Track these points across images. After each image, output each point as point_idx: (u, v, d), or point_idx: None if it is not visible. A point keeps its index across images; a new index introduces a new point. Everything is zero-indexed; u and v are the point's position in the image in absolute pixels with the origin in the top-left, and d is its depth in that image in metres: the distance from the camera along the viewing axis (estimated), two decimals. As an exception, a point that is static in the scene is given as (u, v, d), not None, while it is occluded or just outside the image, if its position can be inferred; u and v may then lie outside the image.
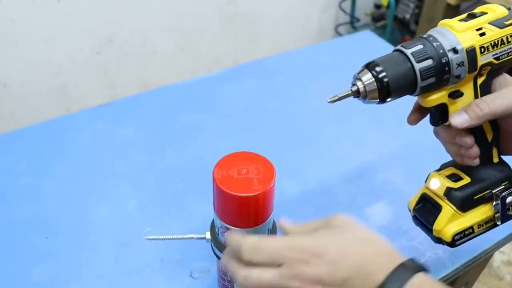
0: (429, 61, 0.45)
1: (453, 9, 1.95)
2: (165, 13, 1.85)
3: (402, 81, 0.46)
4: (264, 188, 0.48)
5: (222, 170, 0.49)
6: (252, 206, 0.48)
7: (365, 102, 0.48)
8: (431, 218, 0.54)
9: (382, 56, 0.48)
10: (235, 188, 0.47)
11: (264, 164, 0.51)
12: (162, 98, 0.98)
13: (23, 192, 0.77)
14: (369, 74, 0.46)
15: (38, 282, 0.64)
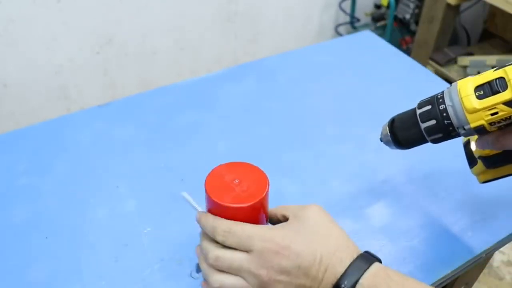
0: (439, 135, 0.50)
1: (453, 9, 1.95)
2: (165, 13, 1.85)
3: (410, 138, 0.54)
4: (256, 198, 0.46)
5: (214, 180, 0.47)
6: (245, 216, 0.46)
7: (390, 148, 0.59)
8: (470, 162, 0.62)
9: (404, 112, 0.56)
10: (227, 199, 0.46)
11: (257, 174, 0.50)
12: (162, 98, 0.98)
13: (23, 192, 0.77)
14: (387, 130, 0.57)
15: (38, 282, 0.64)
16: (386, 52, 1.13)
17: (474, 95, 0.46)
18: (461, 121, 0.47)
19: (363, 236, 0.70)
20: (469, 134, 0.49)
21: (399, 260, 0.66)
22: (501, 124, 0.47)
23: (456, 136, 0.51)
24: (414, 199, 0.70)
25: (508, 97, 0.44)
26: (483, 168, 0.60)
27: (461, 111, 0.47)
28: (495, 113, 0.45)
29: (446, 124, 0.48)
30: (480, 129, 0.46)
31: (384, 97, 0.96)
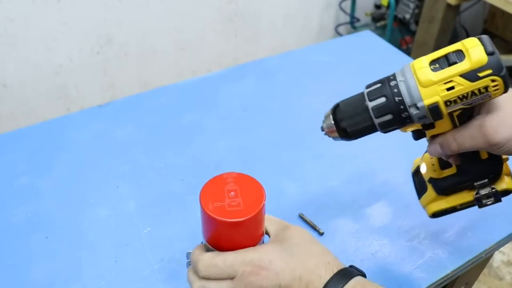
0: (389, 116, 0.46)
1: (453, 9, 1.95)
2: (165, 13, 1.85)
3: (359, 122, 0.48)
4: (252, 212, 0.44)
5: (209, 194, 0.46)
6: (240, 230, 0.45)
7: (334, 140, 0.52)
8: (420, 190, 0.58)
9: (349, 97, 0.50)
10: (222, 213, 0.43)
11: (254, 187, 0.47)
12: (162, 98, 0.98)
13: (22, 192, 0.77)
14: (330, 117, 0.50)
15: (38, 282, 0.64)
16: (386, 52, 1.13)
17: (429, 68, 0.43)
18: (413, 97, 0.43)
19: (363, 236, 0.70)
20: (421, 116, 0.44)
21: (399, 260, 0.66)
22: (457, 108, 0.44)
23: (408, 122, 0.46)
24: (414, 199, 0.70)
25: (466, 67, 0.42)
26: (433, 195, 0.56)
27: (414, 85, 0.43)
28: (451, 88, 0.42)
29: (397, 102, 0.44)
30: (434, 109, 0.43)
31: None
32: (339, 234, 0.70)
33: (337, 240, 0.69)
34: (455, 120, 0.48)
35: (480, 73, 0.42)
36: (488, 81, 0.42)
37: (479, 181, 0.52)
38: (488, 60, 0.42)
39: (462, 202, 0.55)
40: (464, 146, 0.47)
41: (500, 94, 0.44)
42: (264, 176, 0.80)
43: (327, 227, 0.71)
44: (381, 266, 0.66)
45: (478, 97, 0.43)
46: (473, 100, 0.43)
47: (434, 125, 0.48)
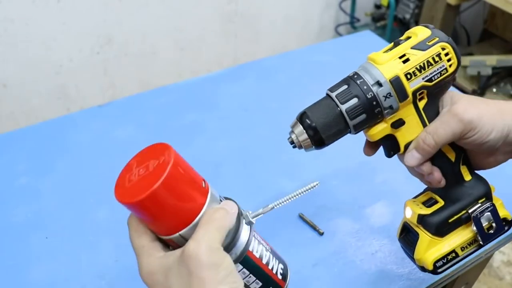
0: (355, 100, 0.46)
1: (453, 9, 1.95)
2: (165, 13, 1.85)
3: (332, 125, 0.47)
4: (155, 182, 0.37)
5: (121, 180, 0.41)
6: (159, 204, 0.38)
7: (305, 150, 0.49)
8: (412, 247, 0.53)
9: (314, 103, 0.49)
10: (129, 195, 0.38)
11: (163, 153, 0.41)
12: (162, 98, 0.98)
13: (22, 192, 0.77)
14: (300, 127, 0.48)
15: (38, 282, 0.64)
16: (386, 52, 1.13)
17: (382, 53, 0.46)
18: (375, 76, 0.45)
19: (363, 236, 0.70)
20: (387, 94, 0.45)
21: (398, 259, 0.66)
22: (419, 85, 0.45)
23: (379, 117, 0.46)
24: (414, 199, 0.70)
25: (414, 41, 0.45)
26: (428, 238, 0.51)
27: (373, 67, 0.45)
28: (407, 60, 0.45)
29: (369, 99, 0.45)
30: (396, 81, 0.44)
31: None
32: (339, 234, 0.70)
33: (337, 240, 0.69)
34: (423, 116, 0.48)
35: (428, 42, 0.45)
36: (438, 48, 0.45)
37: (472, 207, 0.50)
38: (432, 32, 0.46)
39: (463, 241, 0.51)
40: (439, 135, 0.46)
41: (456, 67, 0.46)
42: (264, 176, 0.80)
43: (327, 227, 0.71)
44: (381, 266, 0.66)
45: (435, 69, 0.45)
46: (432, 74, 0.45)
47: (404, 121, 0.47)
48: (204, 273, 0.36)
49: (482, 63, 1.93)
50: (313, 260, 0.66)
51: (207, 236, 0.37)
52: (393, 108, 0.46)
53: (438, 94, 0.48)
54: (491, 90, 1.91)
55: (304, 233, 0.71)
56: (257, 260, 0.44)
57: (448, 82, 0.48)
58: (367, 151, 0.53)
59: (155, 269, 0.40)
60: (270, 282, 0.46)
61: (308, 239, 0.70)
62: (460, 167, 0.50)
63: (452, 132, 0.46)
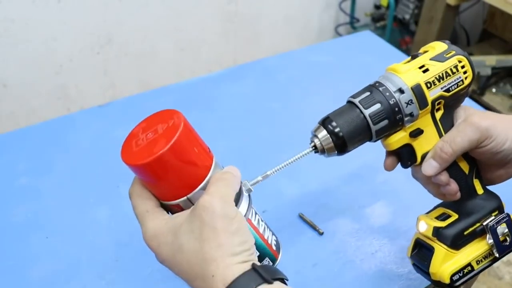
0: (378, 105, 0.47)
1: (453, 9, 1.95)
2: (165, 14, 1.85)
3: (355, 130, 0.48)
4: (167, 143, 0.36)
5: (128, 144, 0.40)
6: (169, 166, 0.37)
7: (326, 156, 0.50)
8: (427, 262, 0.53)
9: (336, 109, 0.50)
10: (138, 157, 0.37)
11: (172, 117, 0.42)
12: (162, 98, 0.98)
13: (22, 192, 0.77)
14: (324, 131, 0.48)
15: (38, 282, 0.64)
16: (386, 52, 1.13)
17: (403, 64, 0.50)
18: (397, 84, 0.47)
19: (363, 236, 0.70)
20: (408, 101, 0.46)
21: (398, 259, 0.66)
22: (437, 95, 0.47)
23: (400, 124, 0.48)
24: (414, 199, 0.71)
25: (433, 54, 0.49)
26: (443, 251, 0.51)
27: (396, 76, 0.48)
28: (426, 70, 0.47)
29: (391, 104, 0.47)
30: (418, 89, 0.47)
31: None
32: (339, 234, 0.70)
33: (337, 240, 0.69)
34: (440, 127, 0.50)
35: (446, 54, 0.48)
36: (455, 60, 0.48)
37: (487, 219, 0.51)
38: (448, 46, 0.49)
39: (478, 254, 0.52)
40: (457, 143, 0.48)
41: (471, 79, 0.49)
42: (264, 176, 0.80)
43: (327, 227, 0.71)
44: (381, 266, 0.66)
45: (452, 80, 0.48)
46: (449, 84, 0.48)
47: (422, 130, 0.49)
48: (218, 223, 0.36)
49: (481, 63, 1.93)
50: (313, 260, 0.67)
51: (220, 190, 0.38)
52: (414, 116, 0.48)
53: (453, 105, 0.51)
54: (491, 90, 1.92)
55: (304, 233, 0.71)
56: (255, 228, 0.44)
57: (463, 95, 0.50)
58: (387, 164, 0.54)
59: (162, 230, 0.39)
60: (266, 251, 0.46)
61: (308, 239, 0.70)
62: (473, 180, 0.52)
63: (469, 140, 0.48)
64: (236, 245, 0.36)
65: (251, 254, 0.37)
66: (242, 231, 0.37)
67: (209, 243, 0.36)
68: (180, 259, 0.37)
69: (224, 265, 0.35)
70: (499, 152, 0.48)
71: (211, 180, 0.40)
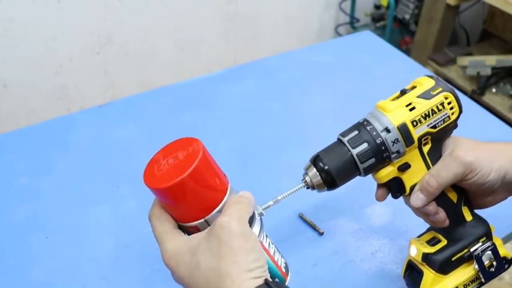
0: (365, 145, 0.48)
1: (453, 9, 1.95)
2: (165, 14, 1.85)
3: (344, 168, 0.50)
4: (187, 169, 0.39)
5: (150, 169, 0.43)
6: (188, 190, 0.40)
7: (317, 191, 0.51)
8: (417, 284, 0.55)
9: (326, 147, 0.51)
10: (162, 181, 0.40)
11: (191, 144, 0.44)
12: (162, 98, 0.98)
13: (22, 192, 0.77)
14: (314, 169, 0.50)
15: (38, 282, 0.64)
16: (386, 52, 1.13)
17: (390, 101, 0.50)
18: (384, 123, 0.48)
19: (363, 236, 0.70)
20: (394, 140, 0.48)
21: (398, 259, 0.66)
22: (424, 132, 0.48)
23: (387, 160, 0.49)
24: (414, 199, 0.70)
25: (420, 91, 0.49)
26: (432, 275, 0.54)
27: (383, 115, 0.49)
28: (413, 108, 0.48)
29: (378, 144, 0.48)
30: (403, 128, 0.47)
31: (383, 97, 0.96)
32: (339, 234, 0.70)
33: (337, 240, 0.69)
34: (428, 160, 0.51)
35: (432, 91, 0.49)
36: (442, 97, 0.48)
37: (474, 246, 0.53)
38: (436, 82, 0.49)
39: (465, 279, 0.54)
40: (442, 177, 0.49)
41: (458, 115, 0.49)
42: (264, 176, 0.80)
43: (327, 227, 0.71)
44: (381, 266, 0.66)
45: (439, 117, 0.48)
46: (436, 121, 0.49)
47: (409, 165, 0.50)
48: (235, 241, 0.38)
49: (481, 63, 1.93)
50: (313, 260, 0.67)
51: (237, 212, 0.41)
52: (400, 153, 0.49)
53: (441, 139, 0.52)
54: (491, 90, 1.91)
55: (304, 233, 0.71)
56: (266, 250, 0.47)
57: (450, 129, 0.51)
58: (378, 195, 0.55)
59: (180, 250, 0.41)
60: (276, 273, 0.48)
61: (308, 239, 0.70)
62: (461, 208, 0.54)
63: (453, 174, 0.49)
64: (250, 261, 0.38)
65: (264, 270, 0.40)
66: (256, 249, 0.40)
67: (225, 260, 0.38)
68: (198, 277, 0.39)
69: (239, 281, 0.37)
70: (484, 183, 0.50)
71: (228, 203, 0.42)
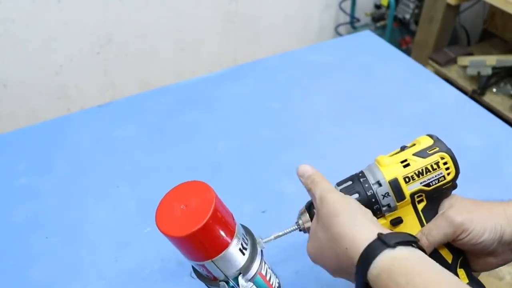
0: (356, 195, 0.50)
1: (453, 9, 1.94)
2: (165, 14, 1.85)
3: None
4: (199, 223, 0.44)
5: (163, 212, 0.47)
6: (198, 240, 0.45)
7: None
8: None
9: None
10: (176, 229, 0.45)
11: (204, 192, 0.48)
12: (162, 98, 0.98)
13: (22, 192, 0.77)
14: (307, 215, 0.53)
15: (38, 282, 0.64)
16: (386, 52, 1.13)
17: (388, 157, 0.51)
18: (376, 176, 0.49)
19: (363, 236, 0.70)
20: (385, 193, 0.48)
21: (399, 260, 0.66)
22: (417, 189, 0.48)
23: (378, 214, 0.50)
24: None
25: (417, 149, 0.50)
26: None
27: (377, 169, 0.50)
28: (407, 165, 0.49)
29: (368, 196, 0.49)
30: (394, 183, 0.48)
31: (384, 97, 0.96)
32: (339, 234, 0.70)
33: (337, 240, 0.69)
34: (422, 217, 0.51)
35: (429, 150, 0.49)
36: (437, 157, 0.49)
37: None
38: (434, 142, 0.50)
39: None
40: (432, 235, 0.49)
41: (454, 176, 0.49)
42: (264, 176, 0.80)
43: (327, 227, 0.70)
44: (381, 266, 0.66)
45: (433, 176, 0.49)
46: (429, 179, 0.49)
47: (402, 220, 0.51)
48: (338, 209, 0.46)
49: (482, 63, 1.93)
50: (313, 260, 0.66)
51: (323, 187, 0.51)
52: (391, 207, 0.49)
53: (437, 198, 0.51)
54: (491, 90, 1.91)
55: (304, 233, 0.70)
56: (264, 279, 0.53)
57: (447, 189, 0.51)
58: None
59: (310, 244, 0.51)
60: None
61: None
62: (457, 270, 0.53)
63: (444, 234, 0.49)
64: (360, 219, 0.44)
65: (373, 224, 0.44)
66: (361, 208, 0.45)
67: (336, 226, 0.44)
68: (323, 253, 0.47)
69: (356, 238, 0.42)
70: (478, 243, 0.49)
71: (314, 185, 0.51)
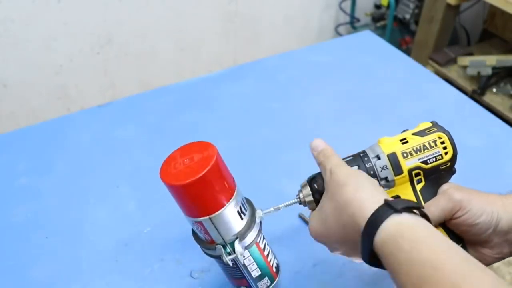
0: (355, 167, 0.51)
1: (453, 9, 1.94)
2: (165, 14, 1.85)
3: None
4: (198, 174, 0.46)
5: (167, 166, 0.50)
6: (196, 191, 0.47)
7: (308, 208, 0.54)
8: None
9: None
10: (176, 179, 0.47)
11: (207, 149, 0.50)
12: (162, 98, 0.98)
13: (22, 192, 0.77)
14: (308, 189, 0.54)
15: (38, 282, 0.64)
16: (386, 52, 1.13)
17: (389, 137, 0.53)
18: (376, 151, 0.51)
19: (363, 236, 0.70)
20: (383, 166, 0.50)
21: (399, 260, 0.66)
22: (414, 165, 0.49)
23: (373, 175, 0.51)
24: (414, 199, 0.70)
25: (416, 130, 0.52)
26: None
27: (377, 146, 0.52)
28: (405, 142, 0.51)
29: (367, 168, 0.51)
30: (393, 157, 0.50)
31: (384, 97, 0.96)
32: (339, 234, 0.70)
33: (337, 240, 0.69)
34: (420, 197, 0.52)
35: (427, 131, 0.51)
36: (435, 136, 0.50)
37: None
38: (432, 124, 0.52)
39: None
40: (430, 211, 0.49)
41: (451, 156, 0.50)
42: (264, 176, 0.80)
43: (327, 227, 0.70)
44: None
45: (430, 153, 0.50)
46: (427, 157, 0.50)
47: (399, 197, 0.51)
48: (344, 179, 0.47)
49: (482, 63, 1.93)
50: (313, 260, 0.66)
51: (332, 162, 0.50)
52: (389, 181, 0.51)
53: (435, 180, 0.52)
54: (491, 90, 1.91)
55: (304, 233, 0.70)
56: (261, 251, 0.53)
57: (445, 171, 0.52)
58: None
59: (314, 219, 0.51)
60: (267, 272, 0.55)
61: (308, 239, 0.69)
62: None
63: (442, 209, 0.49)
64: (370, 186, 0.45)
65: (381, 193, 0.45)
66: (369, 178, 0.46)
67: (343, 194, 0.45)
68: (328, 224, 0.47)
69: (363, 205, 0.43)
70: (474, 224, 0.49)
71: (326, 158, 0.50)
